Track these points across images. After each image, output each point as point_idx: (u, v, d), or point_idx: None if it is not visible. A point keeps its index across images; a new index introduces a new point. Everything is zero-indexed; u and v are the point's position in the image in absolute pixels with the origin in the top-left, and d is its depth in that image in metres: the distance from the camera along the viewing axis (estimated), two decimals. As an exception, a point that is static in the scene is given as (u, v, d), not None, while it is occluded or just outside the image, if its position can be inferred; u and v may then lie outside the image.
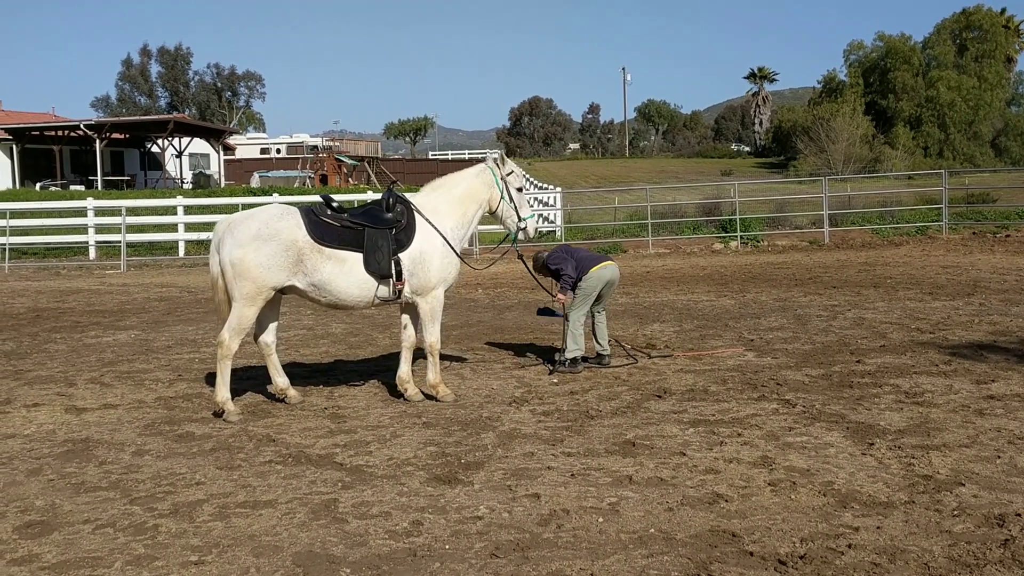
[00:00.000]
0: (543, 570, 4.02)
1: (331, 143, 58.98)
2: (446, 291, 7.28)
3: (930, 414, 6.33)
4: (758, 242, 21.51)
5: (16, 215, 22.95)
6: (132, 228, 22.81)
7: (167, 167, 46.22)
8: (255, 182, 42.29)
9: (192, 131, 46.62)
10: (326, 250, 6.78)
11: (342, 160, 48.51)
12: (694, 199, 29.63)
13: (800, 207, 25.91)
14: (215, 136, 48.75)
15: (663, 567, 4.01)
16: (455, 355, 9.01)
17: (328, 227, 6.85)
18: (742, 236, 21.60)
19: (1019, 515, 4.43)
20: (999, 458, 5.33)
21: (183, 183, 45.18)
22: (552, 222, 24.66)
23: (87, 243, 22.78)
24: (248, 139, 66.40)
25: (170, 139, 44.97)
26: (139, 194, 34.83)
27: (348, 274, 6.83)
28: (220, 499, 5.04)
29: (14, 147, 41.83)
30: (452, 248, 7.16)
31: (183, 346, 10.15)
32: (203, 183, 43.26)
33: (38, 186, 39.00)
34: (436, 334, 7.21)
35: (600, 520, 4.57)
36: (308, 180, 45.43)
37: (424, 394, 7.30)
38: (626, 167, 75.11)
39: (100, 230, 22.95)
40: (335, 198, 7.27)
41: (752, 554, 4.11)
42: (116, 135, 44.23)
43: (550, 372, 8.18)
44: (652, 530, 4.42)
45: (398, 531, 4.51)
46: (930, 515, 4.50)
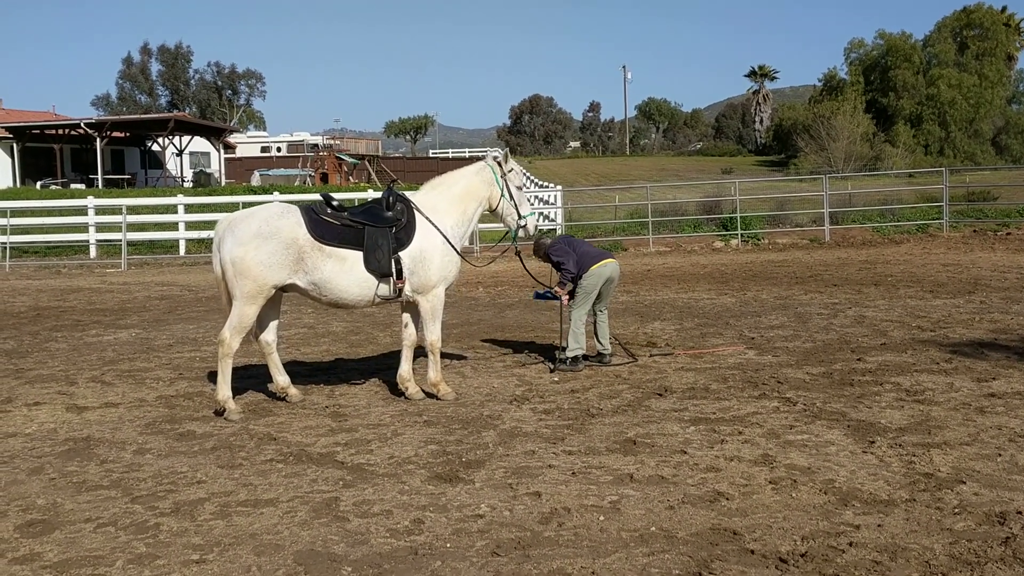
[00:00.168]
0: (544, 568, 4.02)
1: (331, 141, 58.93)
2: (447, 289, 7.29)
3: (931, 412, 6.34)
4: (759, 240, 21.52)
5: (17, 214, 22.96)
6: (133, 227, 22.82)
7: (168, 166, 46.22)
8: (256, 180, 42.25)
9: (193, 130, 46.61)
10: (326, 248, 6.78)
11: (342, 159, 48.50)
12: (695, 197, 29.62)
13: (801, 205, 25.90)
14: (216, 135, 48.74)
15: (664, 565, 4.02)
16: (456, 353, 9.02)
17: (328, 225, 6.85)
18: (743, 234, 21.59)
19: (1020, 513, 4.43)
20: (1000, 456, 5.33)
21: (184, 182, 45.20)
22: (553, 220, 24.68)
23: (88, 242, 22.79)
24: (249, 138, 66.34)
25: (171, 138, 44.98)
26: (140, 193, 34.81)
27: (348, 272, 6.83)
28: (221, 498, 5.05)
29: (15, 146, 41.85)
30: (452, 246, 7.16)
31: (184, 345, 10.15)
32: (204, 182, 43.26)
33: (39, 185, 38.98)
34: (437, 332, 7.21)
35: (601, 518, 4.57)
36: (309, 179, 45.41)
37: (425, 392, 7.31)
38: (626, 165, 75.13)
39: (101, 229, 22.96)
40: (335, 196, 7.28)
41: (753, 552, 4.11)
42: (117, 134, 44.23)
43: (551, 371, 8.19)
44: (653, 528, 4.43)
45: (399, 529, 4.51)
46: (931, 513, 4.50)
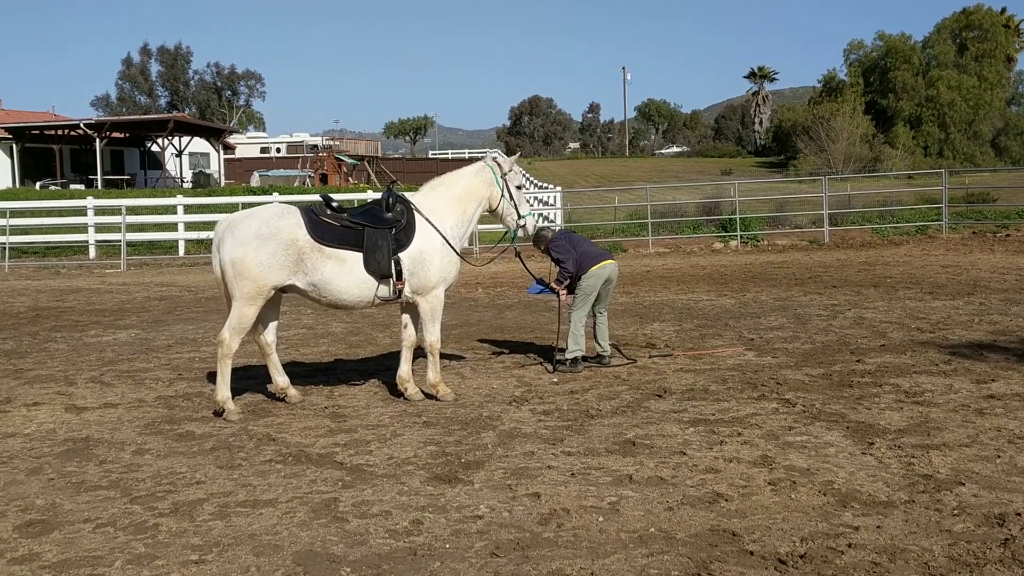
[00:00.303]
0: (543, 569, 4.02)
1: (331, 142, 58.96)
2: (446, 290, 7.29)
3: (930, 413, 6.34)
4: (758, 241, 21.52)
5: (16, 214, 22.94)
6: (132, 227, 22.82)
7: (167, 166, 46.20)
8: (255, 181, 42.26)
9: (192, 130, 46.61)
10: (326, 249, 6.78)
11: (342, 159, 48.52)
12: (694, 198, 29.63)
13: (800, 206, 25.91)
14: (215, 135, 48.75)
15: (663, 566, 4.02)
16: (455, 354, 9.01)
17: (328, 227, 6.84)
18: (742, 235, 21.60)
19: (1019, 514, 4.43)
20: (999, 457, 5.33)
21: (183, 182, 45.18)
22: (552, 221, 24.68)
23: (87, 242, 22.77)
24: (248, 138, 66.36)
25: (170, 138, 44.97)
26: (139, 193, 34.82)
27: (348, 274, 6.83)
28: (220, 498, 5.04)
29: (14, 146, 41.84)
30: (452, 247, 7.16)
31: (183, 345, 10.15)
32: (203, 182, 43.26)
33: (38, 185, 38.98)
34: (436, 333, 7.21)
35: (600, 519, 4.57)
36: (308, 179, 45.43)
37: (424, 393, 7.30)
38: (626, 166, 75.15)
39: (100, 229, 22.94)
40: (335, 197, 7.28)
41: (752, 553, 4.11)
42: (116, 134, 44.23)
43: (552, 370, 8.20)
44: (652, 529, 4.43)
45: (398, 530, 4.51)
46: (930, 514, 4.50)
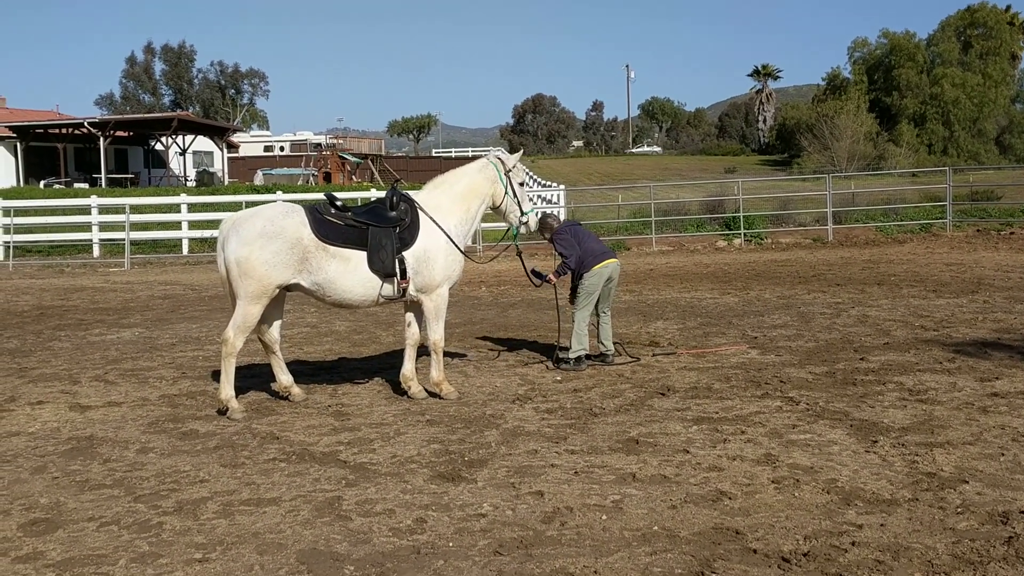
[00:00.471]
0: (547, 567, 4.02)
1: (335, 141, 58.97)
2: (450, 288, 7.29)
3: (934, 411, 6.33)
4: (762, 240, 21.50)
5: (20, 213, 23.00)
6: (136, 226, 22.85)
7: (171, 165, 46.23)
8: (259, 180, 42.30)
9: (196, 129, 46.62)
10: (331, 248, 6.78)
11: (346, 158, 48.58)
12: (697, 197, 29.59)
13: (804, 204, 25.87)
14: (219, 134, 48.76)
15: (667, 564, 4.02)
16: (459, 352, 9.02)
17: (332, 225, 6.84)
18: (746, 234, 21.57)
19: (1023, 512, 4.42)
20: (1003, 455, 5.32)
21: (187, 181, 45.22)
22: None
23: (91, 241, 22.83)
24: (252, 137, 66.39)
25: (174, 137, 44.97)
26: (143, 192, 34.82)
27: (352, 273, 6.83)
28: (224, 497, 5.05)
29: (18, 145, 41.89)
30: (456, 245, 7.16)
31: (187, 344, 10.16)
32: (207, 181, 43.33)
33: (42, 184, 39.02)
34: (440, 332, 7.21)
35: (604, 517, 4.57)
36: (312, 178, 45.48)
37: (428, 392, 7.31)
38: (629, 165, 75.07)
39: (104, 228, 22.99)
40: (339, 196, 7.28)
41: (756, 551, 4.11)
42: (120, 133, 44.27)
43: (554, 365, 8.22)
44: (656, 527, 4.43)
45: (402, 528, 4.51)
46: (934, 512, 4.49)
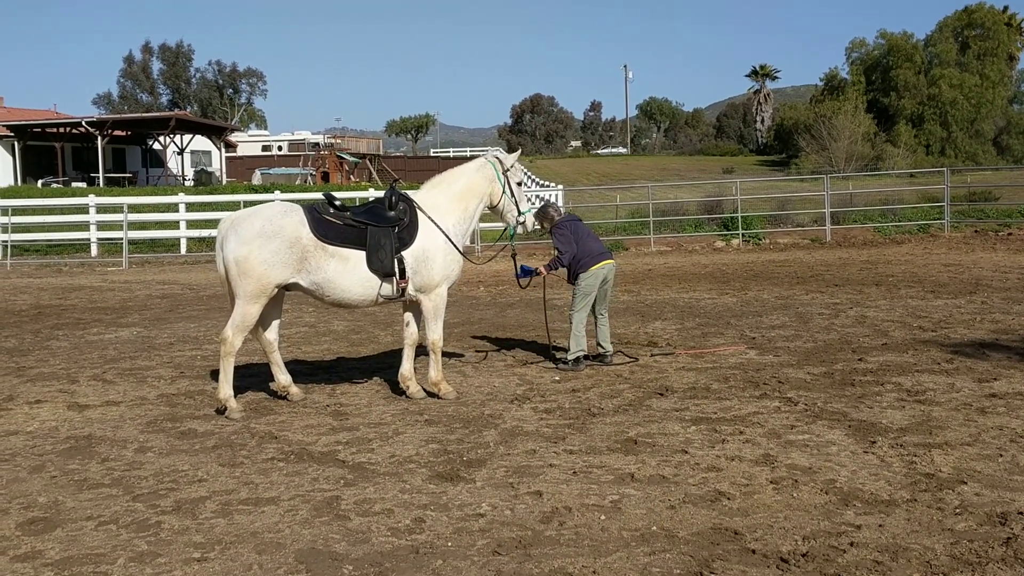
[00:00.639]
0: (545, 567, 4.02)
1: (333, 140, 58.90)
2: (448, 288, 7.29)
3: (932, 412, 6.33)
4: (760, 240, 21.51)
5: (18, 212, 22.98)
6: (134, 225, 22.84)
7: (169, 164, 46.20)
8: (257, 179, 42.25)
9: (194, 128, 46.58)
10: (329, 248, 6.77)
11: (344, 157, 48.54)
12: (696, 197, 29.61)
13: (802, 205, 25.88)
14: (217, 133, 48.71)
15: (665, 565, 4.02)
16: (457, 352, 9.02)
17: (331, 225, 6.84)
18: (744, 234, 21.59)
19: (1021, 513, 4.43)
20: (1001, 456, 5.33)
21: (185, 180, 45.20)
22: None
23: (89, 240, 22.80)
24: (250, 136, 66.30)
25: (172, 136, 44.95)
26: (141, 191, 34.80)
27: (351, 272, 6.83)
28: (222, 496, 5.05)
29: (16, 144, 41.86)
30: (455, 245, 7.16)
31: (185, 343, 10.15)
32: (205, 180, 43.28)
33: (40, 183, 38.99)
34: (439, 331, 7.21)
35: (602, 518, 4.57)
36: (310, 177, 45.44)
37: (426, 391, 7.31)
38: (627, 165, 75.11)
39: (102, 227, 22.96)
40: (337, 196, 7.28)
41: (754, 552, 4.11)
42: (118, 132, 44.23)
43: (554, 356, 8.30)
44: (654, 528, 4.43)
45: (400, 528, 4.51)
46: (932, 513, 4.50)
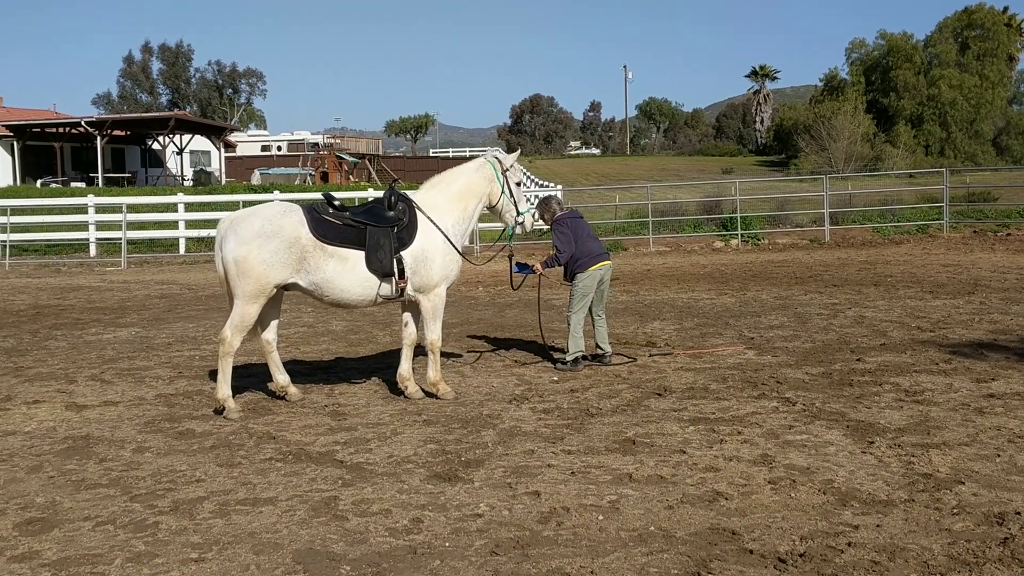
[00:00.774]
0: (543, 568, 4.02)
1: (332, 140, 58.90)
2: (448, 288, 7.29)
3: (930, 412, 6.34)
4: (759, 240, 21.51)
5: (17, 212, 22.95)
6: (133, 225, 22.83)
7: (168, 164, 46.20)
8: (256, 179, 42.27)
9: (193, 128, 46.59)
10: (329, 248, 6.77)
11: (343, 158, 48.55)
12: (695, 197, 29.62)
13: (801, 205, 25.90)
14: (216, 133, 48.72)
15: (663, 565, 4.02)
16: (455, 352, 9.02)
17: (330, 225, 6.84)
18: (743, 234, 21.59)
19: (1019, 513, 4.43)
20: (999, 456, 5.33)
21: (184, 180, 45.19)
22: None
23: (88, 240, 22.79)
24: (249, 136, 66.33)
25: (171, 136, 44.96)
26: (140, 191, 34.80)
27: (350, 272, 6.82)
28: (220, 496, 5.05)
29: (15, 144, 41.87)
30: (453, 245, 7.16)
31: (183, 343, 10.15)
32: (204, 180, 43.28)
33: (39, 183, 38.99)
34: (437, 332, 7.21)
35: (600, 518, 4.57)
36: (309, 178, 45.45)
37: (424, 392, 7.30)
38: (627, 165, 75.13)
39: (101, 227, 22.95)
40: (336, 196, 7.27)
41: (752, 552, 4.11)
42: (117, 132, 44.25)
43: (555, 362, 8.30)
44: (652, 528, 4.43)
45: (398, 528, 4.51)
46: (930, 513, 4.50)
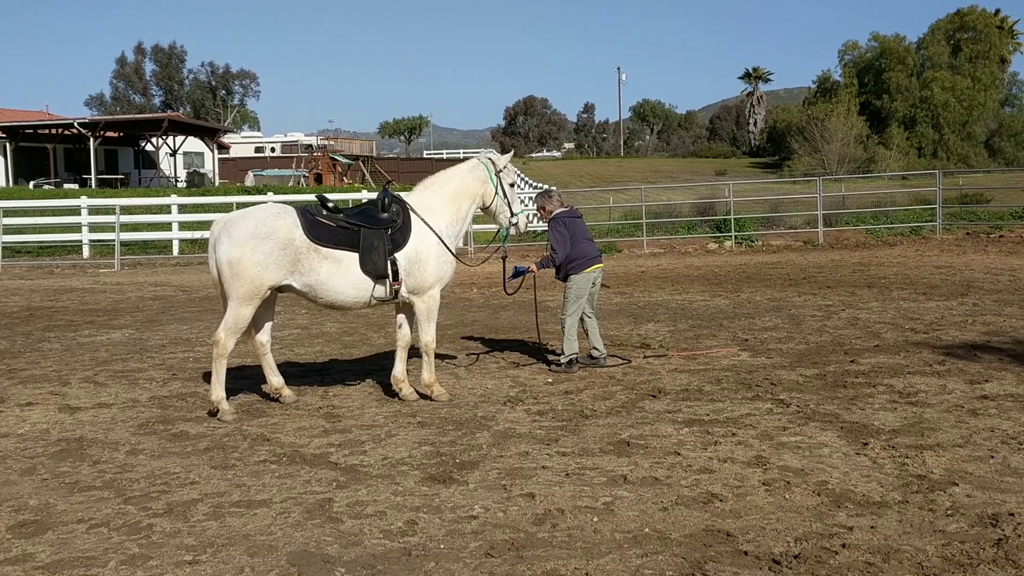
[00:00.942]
0: (538, 569, 4.02)
1: (326, 142, 58.89)
2: (442, 290, 7.28)
3: (924, 414, 6.35)
4: (752, 242, 21.54)
5: (10, 213, 22.86)
6: (126, 227, 22.73)
7: (161, 166, 46.13)
8: (250, 181, 42.23)
9: (186, 130, 46.51)
10: (323, 250, 6.76)
11: (337, 159, 48.53)
12: (689, 199, 29.65)
13: (794, 207, 25.96)
14: (209, 135, 48.65)
15: (658, 566, 4.02)
16: (450, 354, 9.01)
17: (324, 227, 6.83)
18: (736, 236, 21.61)
19: (1012, 515, 4.44)
20: (992, 458, 5.35)
21: (177, 182, 45.08)
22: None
23: (81, 242, 22.72)
24: (243, 138, 66.28)
25: (164, 138, 44.89)
26: (133, 193, 34.69)
27: (344, 274, 6.81)
28: (214, 498, 5.03)
29: (8, 145, 41.74)
30: (447, 247, 7.15)
31: (177, 345, 10.12)
32: (197, 182, 43.17)
33: (32, 184, 38.87)
34: (432, 333, 7.20)
35: (595, 519, 4.57)
36: (303, 179, 45.42)
37: (419, 393, 7.29)
38: (621, 167, 75.19)
39: (94, 229, 22.87)
40: (330, 198, 7.26)
41: (746, 553, 4.12)
42: (110, 133, 44.15)
43: (549, 363, 8.30)
44: (647, 529, 4.43)
45: (393, 530, 4.50)
46: (924, 515, 4.51)
